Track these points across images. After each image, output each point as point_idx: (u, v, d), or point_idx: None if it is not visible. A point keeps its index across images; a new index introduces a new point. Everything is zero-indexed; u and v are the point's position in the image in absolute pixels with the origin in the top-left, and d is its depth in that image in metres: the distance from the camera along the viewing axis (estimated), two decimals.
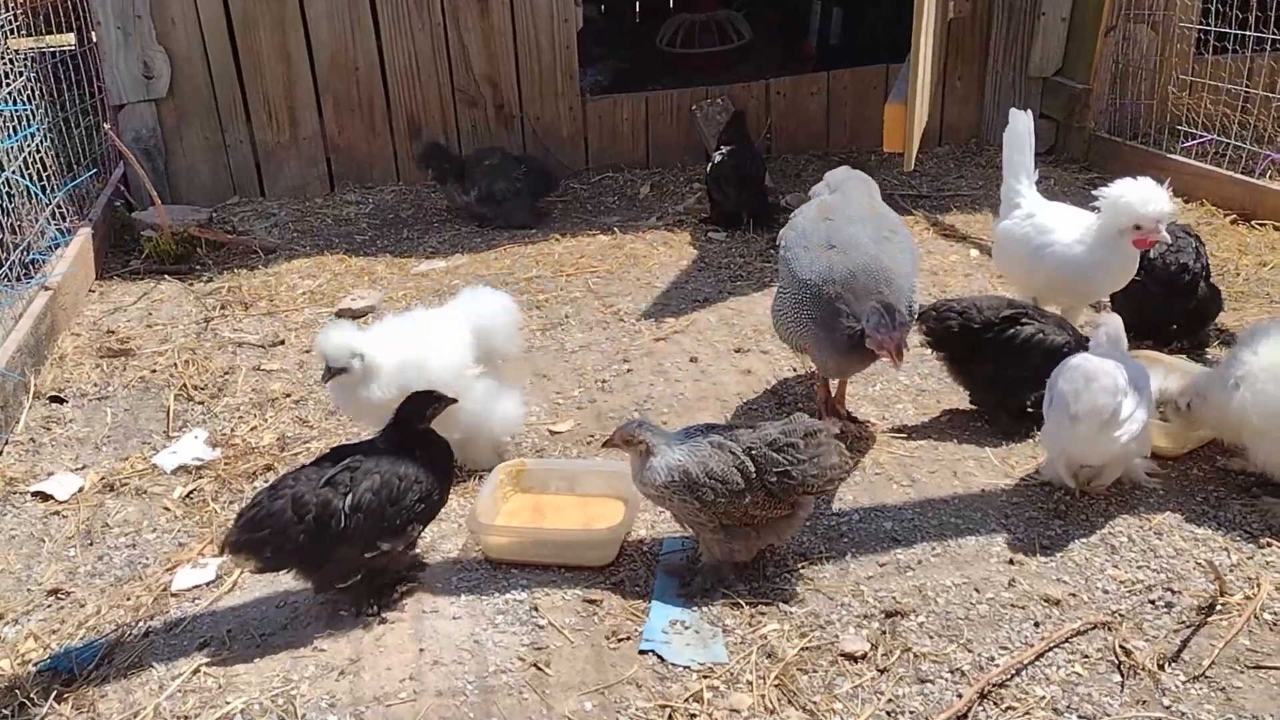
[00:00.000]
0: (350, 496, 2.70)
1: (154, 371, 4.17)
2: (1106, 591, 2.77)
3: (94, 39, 5.66)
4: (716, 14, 8.23)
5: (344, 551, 2.72)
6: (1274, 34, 5.18)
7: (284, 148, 6.00)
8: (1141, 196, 3.47)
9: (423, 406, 2.92)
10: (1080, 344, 3.34)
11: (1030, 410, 3.43)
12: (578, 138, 6.35)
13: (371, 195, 6.06)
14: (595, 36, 8.10)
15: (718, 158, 5.51)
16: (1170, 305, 3.87)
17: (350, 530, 2.69)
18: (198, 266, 5.13)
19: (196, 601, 2.92)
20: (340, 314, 4.58)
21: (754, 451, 2.75)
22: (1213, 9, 5.53)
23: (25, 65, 4.86)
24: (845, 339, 3.18)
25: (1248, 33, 5.32)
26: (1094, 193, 3.66)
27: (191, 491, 3.45)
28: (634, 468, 2.85)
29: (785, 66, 7.23)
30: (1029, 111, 3.93)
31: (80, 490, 3.44)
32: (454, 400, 3.01)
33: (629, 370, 4.09)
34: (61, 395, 4.00)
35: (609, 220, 5.69)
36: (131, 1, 5.54)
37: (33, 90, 4.88)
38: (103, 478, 3.49)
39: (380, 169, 6.17)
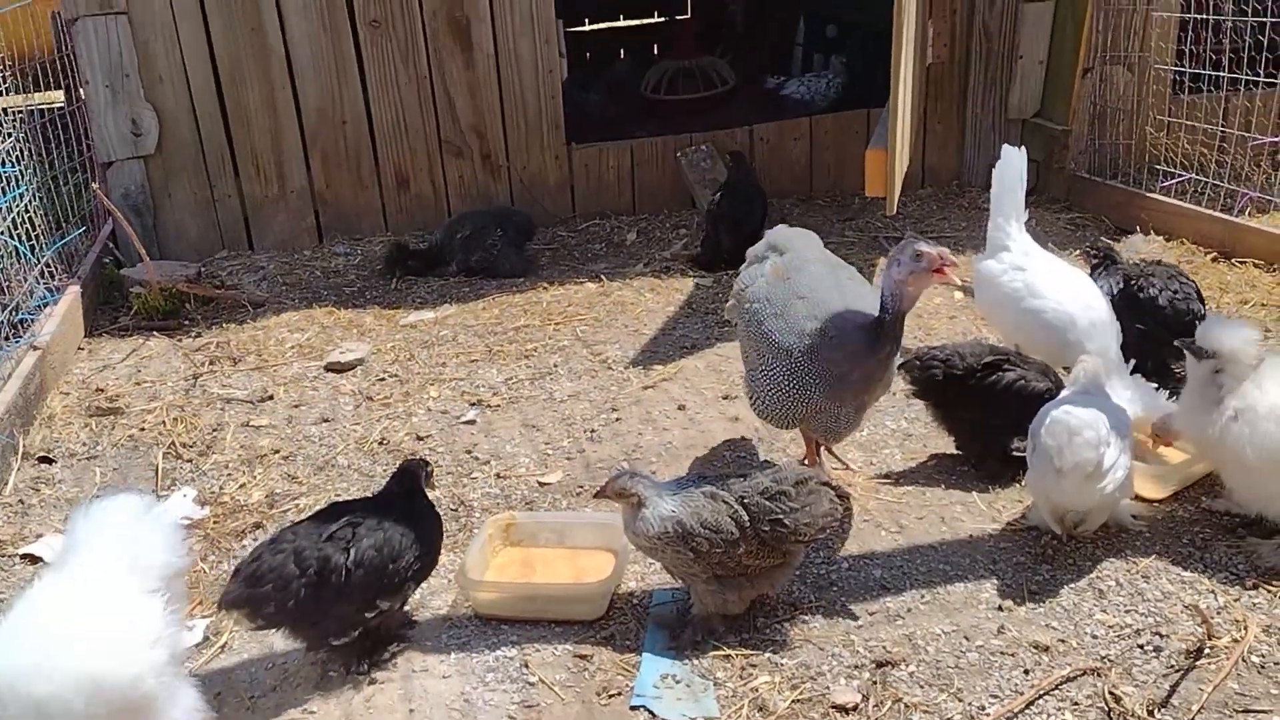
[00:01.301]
0: (353, 553, 2.70)
1: (143, 429, 4.17)
2: (1095, 637, 2.78)
3: (82, 97, 5.70)
4: (700, 60, 8.35)
5: (343, 608, 2.72)
6: (1247, 74, 5.26)
7: (272, 201, 6.05)
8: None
9: (420, 477, 2.95)
10: (1061, 389, 3.38)
11: (1016, 455, 3.46)
12: (564, 186, 6.41)
13: (360, 247, 6.09)
14: (581, 83, 8.21)
15: (718, 196, 5.62)
16: (1174, 349, 3.89)
17: (351, 587, 2.69)
18: (186, 322, 5.15)
19: (185, 664, 2.90)
20: (329, 367, 4.60)
21: (747, 500, 2.77)
22: (1187, 50, 5.63)
23: (14, 125, 4.90)
24: (869, 333, 3.03)
25: (1221, 73, 5.41)
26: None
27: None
28: (626, 519, 2.86)
29: (768, 111, 7.31)
30: (1023, 149, 3.92)
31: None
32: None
33: (617, 419, 4.10)
34: (50, 456, 4.00)
35: (596, 268, 5.73)
36: (119, 60, 5.59)
37: (21, 151, 4.92)
38: None
39: (369, 221, 6.21)
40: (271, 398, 4.38)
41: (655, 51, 10.38)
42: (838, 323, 3.11)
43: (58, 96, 6.12)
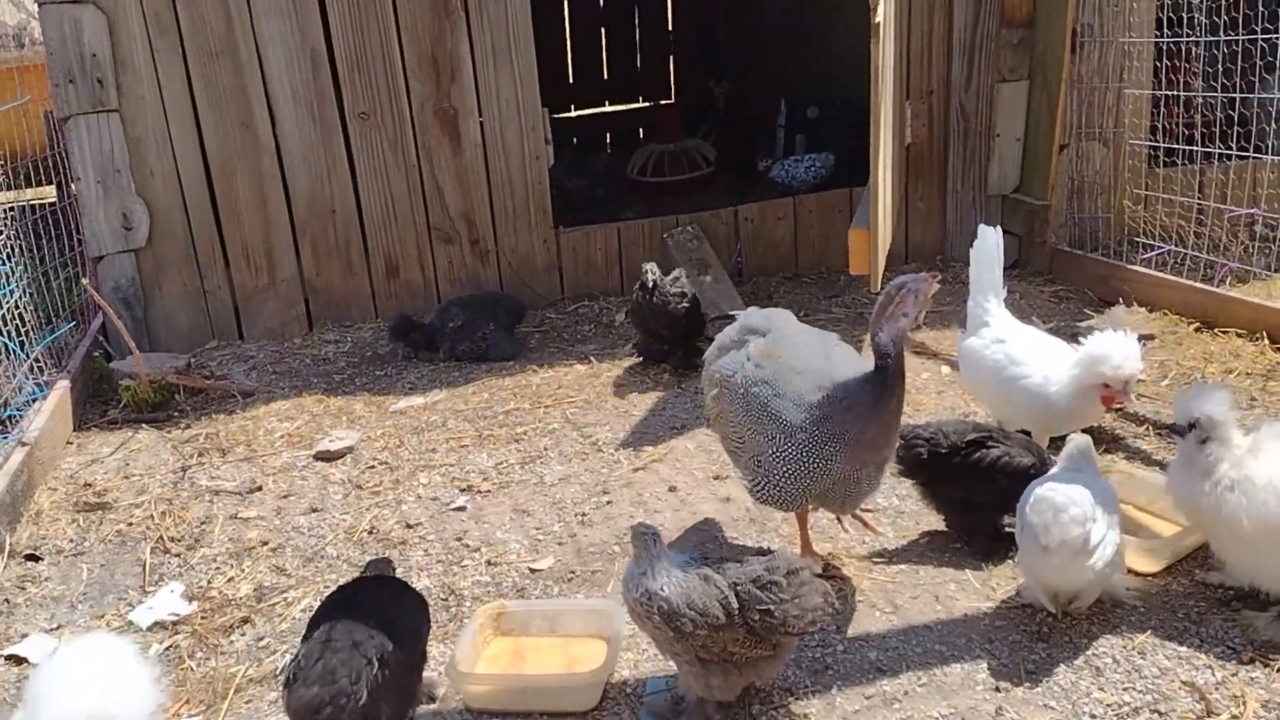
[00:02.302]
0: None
1: (130, 524, 4.14)
2: (1094, 716, 2.75)
3: (74, 193, 5.77)
4: (684, 143, 8.51)
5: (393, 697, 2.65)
6: (1220, 148, 5.38)
7: (262, 291, 6.09)
8: (1112, 359, 3.54)
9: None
10: (1044, 464, 3.39)
11: (1007, 530, 3.46)
12: (552, 269, 6.47)
13: (350, 334, 6.12)
14: (568, 169, 8.35)
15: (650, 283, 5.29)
16: None
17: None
18: (176, 414, 5.15)
19: None
20: (318, 456, 4.59)
21: (739, 587, 2.74)
22: (1160, 125, 5.75)
23: (5, 222, 4.95)
24: (874, 385, 3.03)
25: (1195, 147, 5.52)
26: (1077, 341, 3.76)
27: (168, 648, 3.41)
28: (628, 572, 2.82)
29: (752, 191, 7.42)
30: (998, 228, 4.01)
31: (55, 652, 3.38)
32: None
33: (609, 502, 4.09)
34: (37, 553, 3.96)
35: (585, 349, 5.76)
36: (111, 156, 5.67)
37: (12, 247, 4.96)
38: None
39: (358, 308, 6.25)
40: (260, 488, 4.36)
41: (641, 135, 10.59)
42: (842, 385, 3.11)
43: (49, 192, 6.20)
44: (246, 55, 5.79)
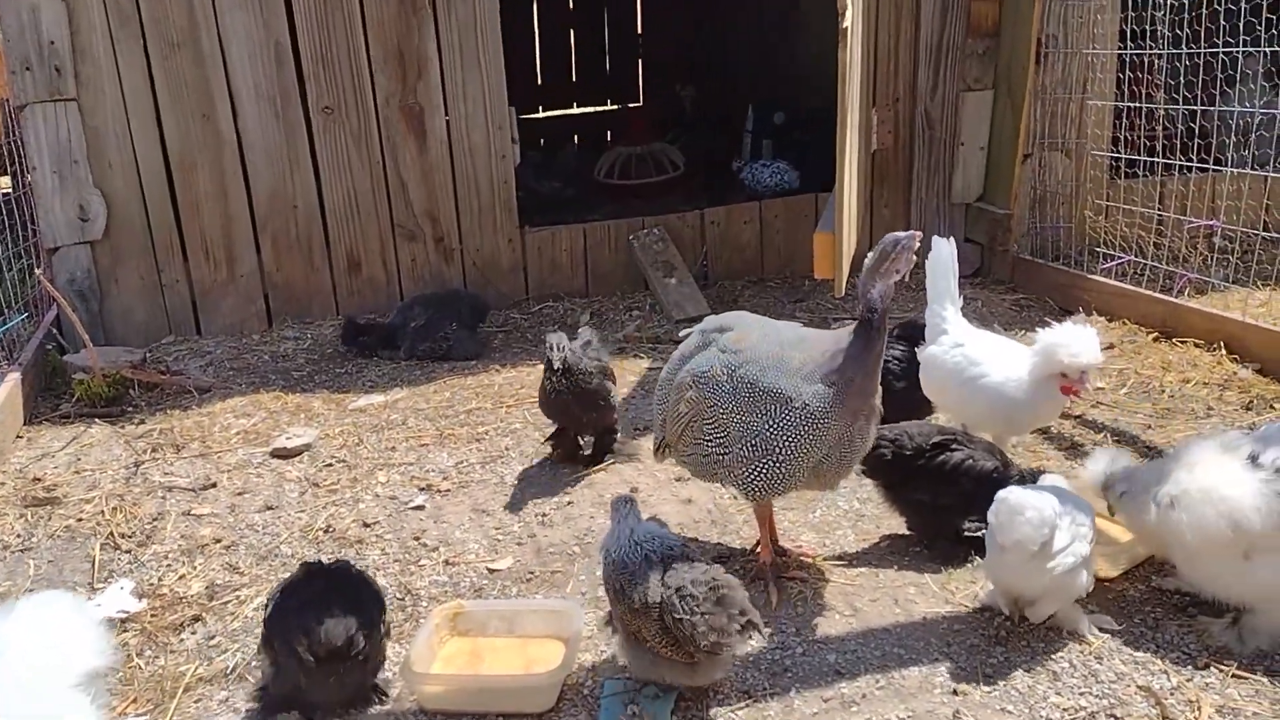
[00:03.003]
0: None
1: (80, 520, 4.05)
2: None
3: (29, 182, 5.66)
4: (652, 146, 8.49)
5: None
6: (1180, 160, 5.44)
7: (221, 286, 6.00)
8: (1069, 348, 3.56)
9: None
10: (1008, 468, 3.41)
11: (968, 535, 3.46)
12: (517, 268, 6.43)
13: (310, 330, 6.04)
14: (536, 170, 8.31)
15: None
16: None
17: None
18: (130, 409, 5.05)
19: None
20: (275, 453, 4.52)
21: (668, 586, 2.75)
22: (1122, 137, 5.81)
23: None
24: (860, 338, 3.07)
25: (1156, 159, 5.58)
26: (1035, 333, 3.78)
27: (116, 646, 3.33)
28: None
29: (719, 195, 7.42)
30: (951, 239, 4.05)
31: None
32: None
33: (569, 503, 4.05)
34: None
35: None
36: (69, 146, 5.57)
37: None
38: None
39: (319, 304, 6.18)
40: (215, 485, 4.29)
41: (609, 137, 10.58)
42: (824, 340, 3.18)
43: (4, 182, 6.07)
44: (209, 47, 5.70)
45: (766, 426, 3.14)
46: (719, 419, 3.24)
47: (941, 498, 3.44)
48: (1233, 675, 2.86)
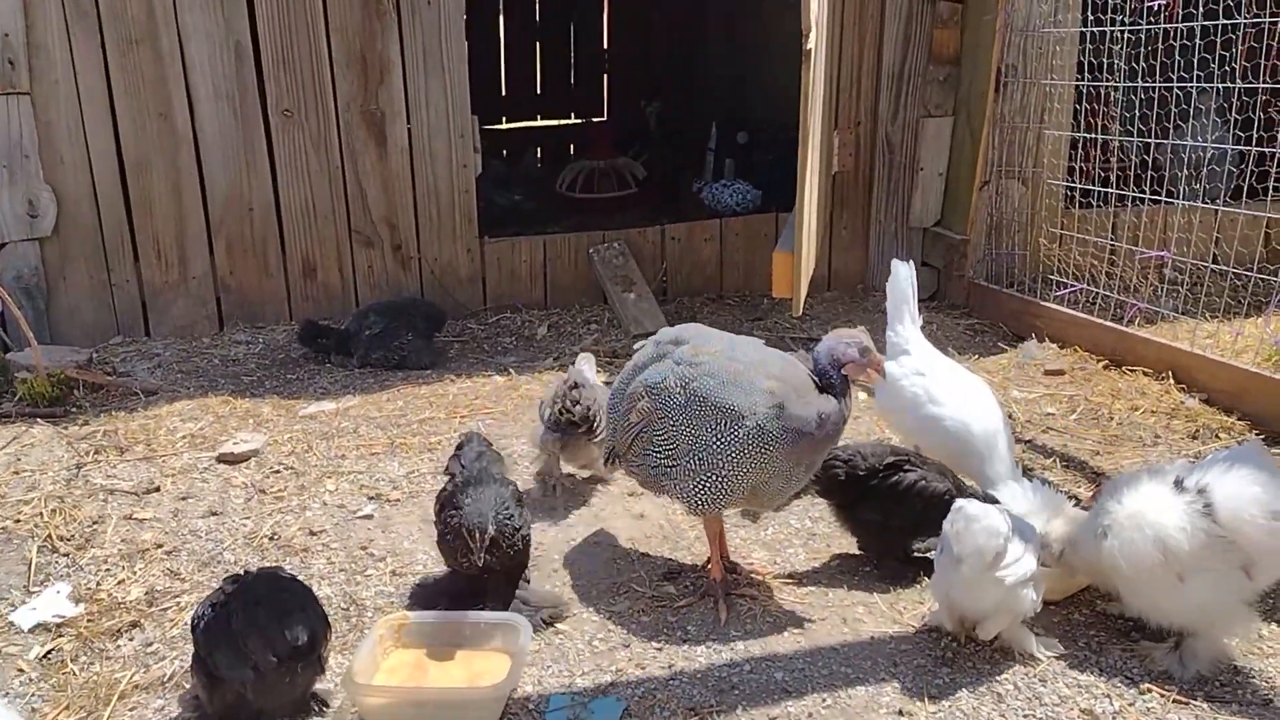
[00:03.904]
0: None
1: (18, 521, 3.94)
2: None
3: None
4: (615, 161, 8.51)
5: None
6: (1133, 191, 5.52)
7: (172, 287, 5.90)
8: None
9: None
10: (960, 490, 3.43)
11: (917, 555, 3.47)
12: (475, 278, 6.39)
13: (262, 335, 5.96)
14: (495, 180, 8.28)
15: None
16: None
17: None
18: (73, 409, 4.94)
19: None
20: (221, 458, 4.44)
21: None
22: (1077, 167, 5.90)
23: None
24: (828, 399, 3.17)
25: (1109, 190, 5.67)
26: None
27: (50, 651, 3.25)
28: None
29: (681, 211, 7.44)
30: (910, 262, 4.07)
31: None
32: None
33: None
34: None
35: (505, 361, 5.69)
36: (19, 140, 5.46)
37: None
38: None
39: (273, 309, 6.10)
40: (158, 489, 4.20)
41: (572, 151, 10.59)
42: (797, 379, 3.19)
43: None
44: (168, 44, 5.63)
45: (715, 441, 3.16)
46: (669, 430, 3.25)
47: (893, 518, 3.45)
48: (1173, 700, 2.88)
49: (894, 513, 3.44)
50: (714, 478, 3.18)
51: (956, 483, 3.50)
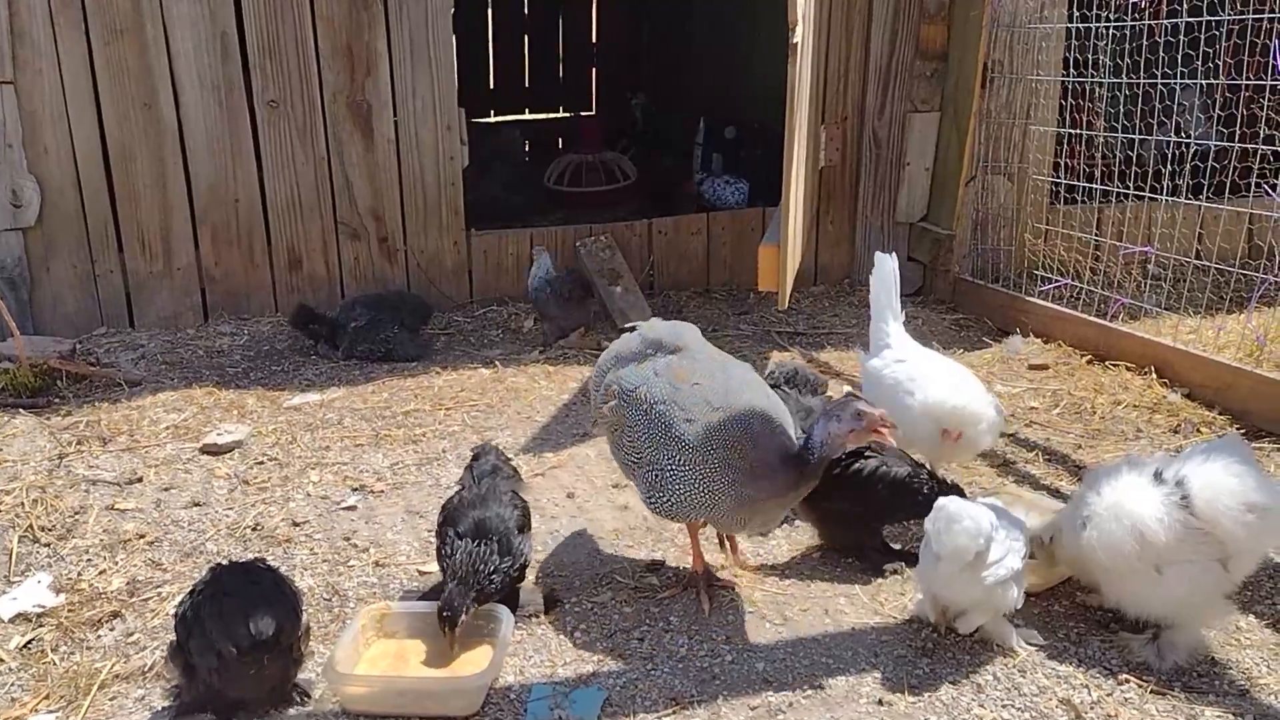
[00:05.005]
0: None
1: None
2: None
3: None
4: (603, 155, 8.51)
5: None
6: (1118, 187, 5.55)
7: (157, 278, 5.88)
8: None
9: None
10: (920, 474, 3.46)
11: (897, 548, 3.49)
12: (462, 271, 6.38)
13: (247, 326, 5.95)
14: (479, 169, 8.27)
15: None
16: None
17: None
18: (56, 400, 4.92)
19: None
20: (205, 449, 4.43)
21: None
22: (1063, 163, 5.92)
23: None
24: (793, 471, 3.07)
25: (1094, 186, 5.69)
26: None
27: (30, 641, 3.24)
28: None
29: (668, 206, 7.44)
30: (893, 255, 4.08)
31: None
32: None
33: None
34: None
35: (491, 353, 5.69)
36: (3, 129, 5.43)
37: None
38: None
39: (258, 300, 6.08)
40: (141, 480, 4.19)
41: (560, 145, 10.58)
42: (762, 451, 3.08)
43: None
44: (153, 34, 5.61)
45: (668, 466, 3.15)
46: (634, 439, 3.25)
47: (858, 505, 3.46)
48: (1151, 691, 2.90)
49: (859, 500, 3.45)
50: (666, 498, 3.18)
51: (916, 465, 3.54)
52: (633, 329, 3.57)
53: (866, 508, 3.45)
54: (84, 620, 3.32)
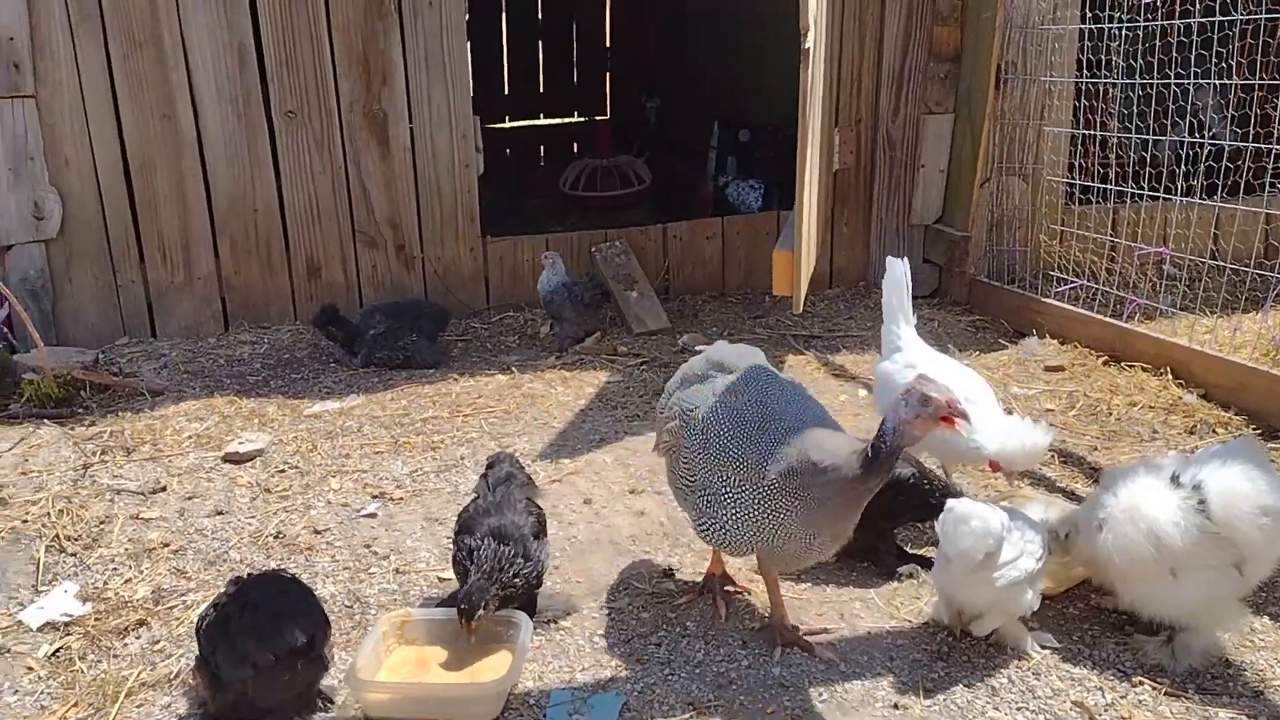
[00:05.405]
0: None
1: (25, 521, 4.00)
2: None
3: None
4: (617, 159, 8.55)
5: None
6: (1133, 188, 5.54)
7: (178, 288, 5.95)
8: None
9: None
10: (929, 476, 3.48)
11: (912, 551, 3.51)
12: (478, 278, 6.43)
13: (267, 335, 6.01)
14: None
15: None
16: None
17: None
18: (80, 410, 4.99)
19: None
20: (227, 458, 4.49)
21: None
22: (1077, 164, 5.92)
23: None
24: (861, 461, 2.80)
25: (1109, 186, 5.69)
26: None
27: (58, 650, 3.29)
28: None
29: (682, 210, 7.46)
30: (905, 259, 4.10)
31: None
32: None
33: None
34: None
35: (508, 360, 5.73)
36: (25, 143, 5.51)
37: None
38: None
39: (277, 309, 6.14)
40: (164, 489, 4.25)
41: (575, 150, 10.62)
42: (825, 447, 2.89)
43: None
44: (171, 46, 5.68)
45: (724, 492, 3.03)
46: (691, 461, 3.14)
47: (868, 507, 3.47)
48: (1165, 693, 2.92)
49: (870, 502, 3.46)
50: (719, 526, 3.05)
51: (920, 466, 3.56)
52: (699, 351, 3.48)
53: (876, 509, 3.46)
54: (110, 629, 3.37)
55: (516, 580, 3.12)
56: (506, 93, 11.17)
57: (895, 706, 2.90)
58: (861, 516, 3.35)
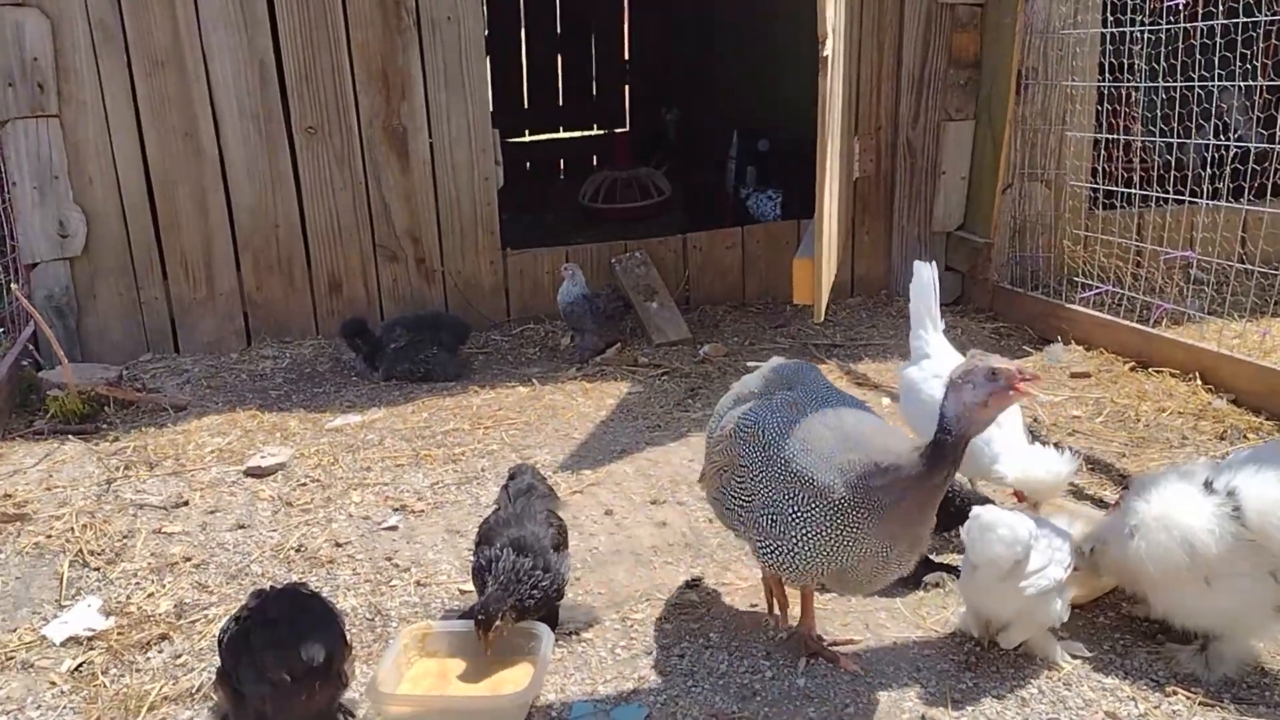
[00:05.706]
0: None
1: (49, 536, 4.01)
2: None
3: (8, 198, 5.64)
4: (637, 171, 8.55)
5: None
6: (1157, 192, 5.48)
7: (200, 304, 5.99)
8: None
9: None
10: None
11: (938, 560, 3.46)
12: (499, 290, 6.43)
13: (289, 350, 6.03)
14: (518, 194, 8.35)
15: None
16: None
17: None
18: (104, 426, 5.02)
19: None
20: (249, 472, 4.50)
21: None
22: (1100, 169, 5.87)
23: None
24: (927, 457, 2.68)
25: (1133, 191, 5.63)
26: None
27: (81, 664, 3.29)
28: None
29: (703, 220, 7.45)
30: (933, 263, 4.05)
31: None
32: None
33: None
34: None
35: (529, 371, 5.72)
36: (49, 162, 5.56)
37: None
38: None
39: (299, 324, 6.16)
40: (187, 503, 4.26)
41: (595, 162, 10.64)
42: (885, 447, 2.78)
43: None
44: (193, 65, 5.72)
45: (790, 510, 2.86)
46: (747, 480, 3.00)
47: None
48: (1199, 703, 2.86)
49: None
50: (785, 547, 2.88)
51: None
52: (752, 368, 3.41)
53: None
54: (133, 643, 3.37)
55: (534, 592, 3.09)
56: (526, 106, 11.21)
57: (923, 718, 2.86)
58: None
